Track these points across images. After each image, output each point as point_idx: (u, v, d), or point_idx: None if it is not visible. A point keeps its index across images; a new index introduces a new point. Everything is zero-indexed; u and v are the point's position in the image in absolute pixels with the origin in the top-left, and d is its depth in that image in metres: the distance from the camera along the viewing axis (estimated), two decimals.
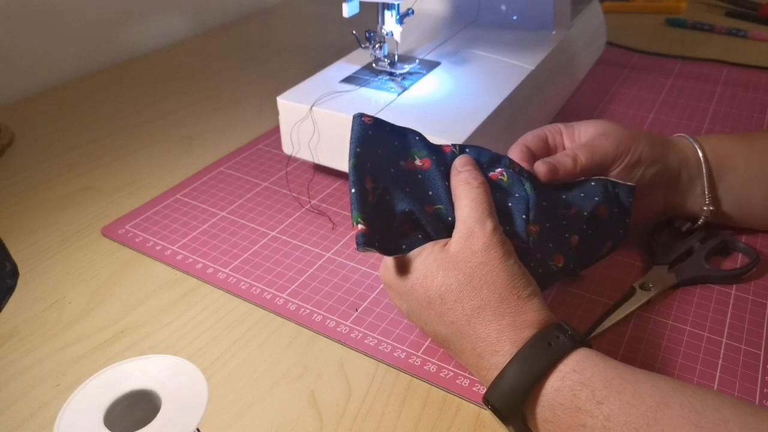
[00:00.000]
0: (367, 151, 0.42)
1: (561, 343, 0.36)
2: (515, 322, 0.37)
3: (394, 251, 0.41)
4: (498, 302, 0.38)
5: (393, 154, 0.43)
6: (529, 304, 0.38)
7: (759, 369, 0.43)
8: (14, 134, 0.74)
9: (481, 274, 0.39)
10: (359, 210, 0.40)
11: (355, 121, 0.43)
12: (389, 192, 0.41)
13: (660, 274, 0.50)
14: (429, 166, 0.43)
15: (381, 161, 0.42)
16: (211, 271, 0.53)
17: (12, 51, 0.83)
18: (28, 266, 0.54)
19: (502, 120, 0.60)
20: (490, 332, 0.38)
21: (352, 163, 0.41)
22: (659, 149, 0.50)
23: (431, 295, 0.40)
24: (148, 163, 0.69)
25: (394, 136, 0.44)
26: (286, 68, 0.91)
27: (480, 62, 0.68)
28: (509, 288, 0.38)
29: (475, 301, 0.38)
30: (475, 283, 0.39)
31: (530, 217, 0.43)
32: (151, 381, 0.30)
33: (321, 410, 0.41)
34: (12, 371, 0.45)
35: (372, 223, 0.40)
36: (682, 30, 1.02)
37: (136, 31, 0.98)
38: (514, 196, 0.44)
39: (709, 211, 0.52)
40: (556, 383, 0.35)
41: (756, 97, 0.79)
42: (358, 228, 0.40)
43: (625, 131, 0.50)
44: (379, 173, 0.42)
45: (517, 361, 0.36)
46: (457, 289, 0.39)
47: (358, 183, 0.40)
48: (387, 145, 0.43)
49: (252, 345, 0.46)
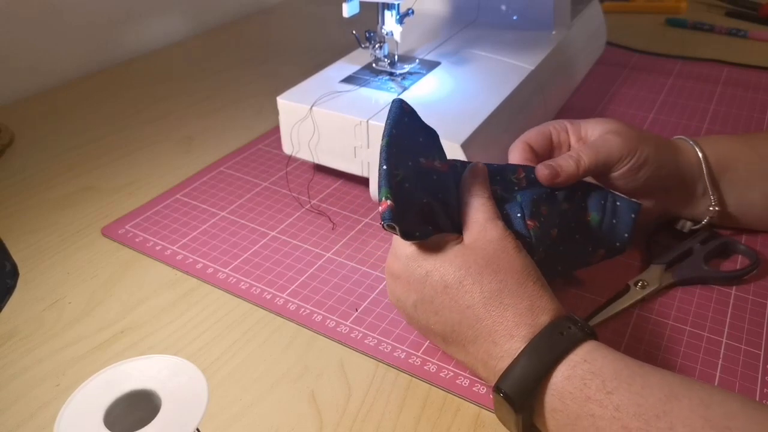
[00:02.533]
0: (400, 137, 0.42)
1: (572, 333, 0.37)
2: (533, 307, 0.38)
3: (410, 236, 0.41)
4: (516, 286, 0.38)
5: (417, 149, 0.43)
6: (544, 291, 0.39)
7: (759, 369, 0.43)
8: (14, 134, 0.74)
9: (499, 259, 0.39)
10: (388, 186, 0.40)
11: (395, 104, 0.43)
12: (408, 180, 0.42)
13: (656, 273, 0.50)
14: (446, 170, 0.44)
15: (405, 151, 0.42)
16: (211, 271, 0.53)
17: (12, 51, 0.83)
18: (28, 266, 0.54)
19: (502, 120, 0.60)
20: (507, 316, 0.38)
21: (386, 141, 0.41)
22: (665, 152, 0.50)
23: (448, 280, 0.39)
24: (148, 163, 0.69)
25: (422, 133, 0.44)
26: (286, 68, 0.91)
27: (480, 62, 0.68)
28: (525, 274, 0.39)
29: (494, 284, 0.38)
30: (494, 267, 0.39)
31: (526, 215, 0.44)
32: (151, 381, 0.30)
33: (321, 410, 0.41)
34: (12, 371, 0.45)
35: (397, 202, 0.40)
36: (682, 30, 1.02)
37: (136, 31, 0.98)
38: (509, 203, 0.45)
39: (715, 211, 0.52)
40: (567, 372, 0.35)
41: (756, 97, 0.79)
42: (387, 203, 0.40)
43: (633, 132, 0.49)
44: (400, 161, 0.42)
45: (532, 348, 0.36)
46: (476, 271, 0.39)
47: (388, 161, 0.41)
48: (413, 139, 0.44)
49: (252, 345, 0.46)
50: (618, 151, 0.48)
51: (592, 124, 0.50)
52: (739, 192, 0.52)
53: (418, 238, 0.41)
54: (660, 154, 0.49)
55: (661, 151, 0.50)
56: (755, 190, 0.52)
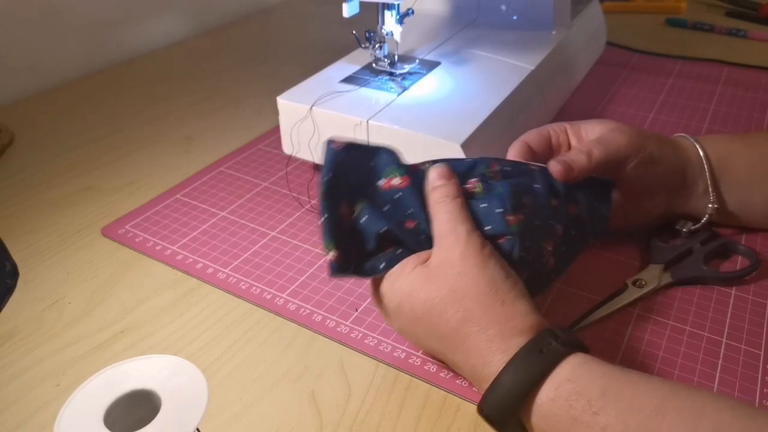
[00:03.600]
0: (340, 177, 0.41)
1: (553, 349, 0.36)
2: (503, 331, 0.37)
3: (372, 272, 0.41)
4: (482, 311, 0.37)
5: (369, 176, 0.42)
6: (515, 309, 0.37)
7: (759, 369, 0.43)
8: (14, 134, 0.74)
9: (461, 284, 0.38)
10: (330, 237, 0.40)
11: (326, 147, 0.42)
12: (367, 213, 0.41)
13: (654, 272, 0.50)
14: (407, 184, 0.42)
15: (356, 184, 0.42)
16: (211, 271, 0.53)
17: (12, 51, 0.83)
18: (28, 266, 0.54)
19: (502, 120, 0.60)
20: (479, 344, 0.37)
21: (323, 191, 0.41)
22: (666, 148, 0.50)
23: (417, 312, 0.39)
24: (148, 163, 0.69)
25: (369, 158, 0.43)
26: (286, 68, 0.91)
27: (480, 62, 0.68)
28: (491, 294, 0.37)
29: (459, 312, 0.37)
30: (457, 294, 0.38)
31: (507, 208, 0.42)
32: (151, 381, 0.30)
33: (321, 410, 0.41)
34: (12, 371, 0.45)
35: (346, 248, 0.40)
36: (682, 30, 1.02)
37: (136, 31, 0.98)
38: (489, 198, 0.43)
39: (713, 209, 0.52)
40: (551, 393, 0.35)
41: (756, 97, 0.79)
42: (330, 256, 0.39)
43: (635, 130, 0.50)
44: (356, 196, 0.41)
45: (509, 370, 0.35)
46: (441, 303, 0.38)
47: (330, 210, 0.40)
48: (361, 168, 0.42)
49: (252, 345, 0.46)
50: (625, 147, 0.48)
51: (591, 125, 0.51)
52: (740, 191, 0.52)
53: (383, 270, 0.40)
54: (661, 149, 0.50)
55: (663, 146, 0.50)
56: (756, 189, 0.52)
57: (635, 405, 0.33)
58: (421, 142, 0.55)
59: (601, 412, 0.33)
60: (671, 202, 0.53)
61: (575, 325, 0.46)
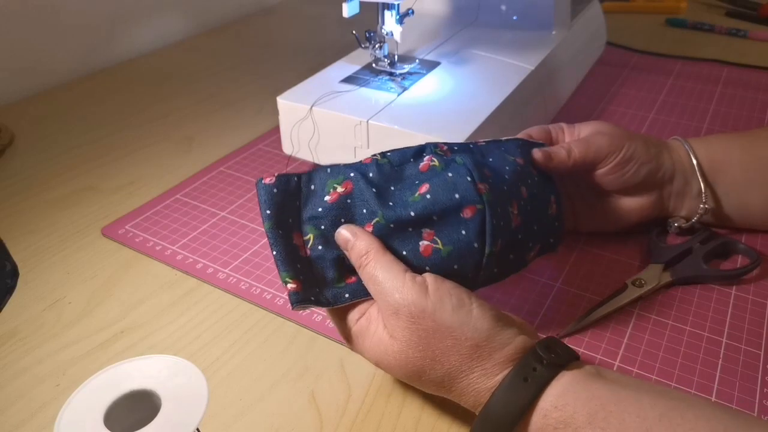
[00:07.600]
0: (282, 209, 0.41)
1: (538, 375, 0.35)
2: (486, 372, 0.36)
3: (335, 301, 0.40)
4: (460, 362, 0.36)
5: (313, 198, 0.42)
6: (491, 346, 0.36)
7: (759, 369, 0.43)
8: (14, 134, 0.74)
9: (429, 347, 0.37)
10: (286, 269, 0.39)
11: (258, 186, 0.42)
12: (323, 237, 0.41)
13: (654, 272, 0.50)
14: (352, 188, 0.42)
15: (303, 210, 0.42)
16: (211, 271, 0.53)
17: (12, 51, 0.83)
18: (28, 266, 0.54)
19: (502, 120, 0.60)
20: (467, 389, 0.37)
21: (267, 226, 0.40)
22: (653, 149, 0.52)
23: (399, 374, 0.39)
24: (148, 163, 0.69)
25: (306, 183, 0.42)
26: (286, 68, 0.91)
27: (480, 62, 0.68)
28: (461, 342, 0.36)
29: (439, 370, 0.37)
30: (429, 355, 0.37)
31: (475, 177, 0.41)
32: (151, 381, 0.30)
33: (321, 410, 0.41)
34: (12, 371, 0.45)
35: (305, 278, 0.40)
36: (682, 30, 1.02)
37: (136, 31, 0.98)
38: (452, 169, 0.42)
39: (704, 209, 0.53)
40: (539, 422, 0.34)
41: (756, 97, 0.79)
42: (288, 288, 0.39)
43: (620, 131, 0.52)
44: (308, 221, 0.41)
45: (494, 403, 0.35)
46: (415, 369, 0.37)
47: (280, 243, 0.40)
48: (302, 194, 0.42)
49: (252, 345, 0.46)
50: (606, 147, 0.50)
51: (585, 126, 0.53)
52: (736, 193, 0.53)
53: (346, 300, 0.40)
54: (648, 148, 0.51)
55: (650, 146, 0.52)
56: (752, 191, 0.53)
57: (623, 428, 0.32)
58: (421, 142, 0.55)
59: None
60: (666, 202, 0.53)
61: (575, 325, 0.46)
